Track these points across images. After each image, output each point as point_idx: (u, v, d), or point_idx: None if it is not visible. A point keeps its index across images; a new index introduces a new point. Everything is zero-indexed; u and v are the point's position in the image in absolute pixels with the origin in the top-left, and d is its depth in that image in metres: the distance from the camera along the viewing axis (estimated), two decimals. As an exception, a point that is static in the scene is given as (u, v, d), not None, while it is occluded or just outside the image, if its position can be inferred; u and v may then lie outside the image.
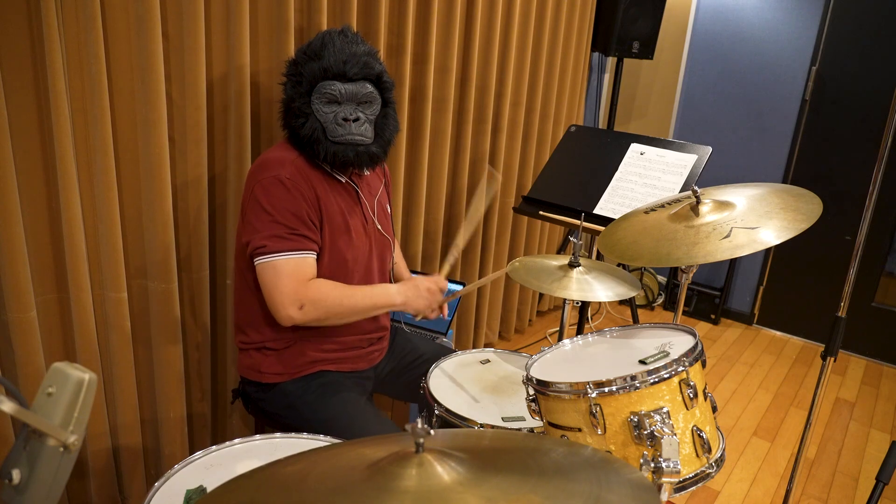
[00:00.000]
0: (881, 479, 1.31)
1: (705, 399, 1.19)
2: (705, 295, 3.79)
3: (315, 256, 1.47)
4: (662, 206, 1.60)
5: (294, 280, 1.41)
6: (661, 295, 3.98)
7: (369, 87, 1.47)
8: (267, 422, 1.65)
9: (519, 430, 1.42)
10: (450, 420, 1.46)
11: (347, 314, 1.49)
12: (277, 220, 1.41)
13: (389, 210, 1.76)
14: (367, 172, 1.63)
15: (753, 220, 1.34)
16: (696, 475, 1.12)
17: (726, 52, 3.53)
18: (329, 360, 1.59)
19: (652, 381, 1.11)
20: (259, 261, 1.42)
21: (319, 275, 1.51)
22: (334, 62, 1.43)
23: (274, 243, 1.40)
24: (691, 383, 1.13)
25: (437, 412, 1.49)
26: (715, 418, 1.22)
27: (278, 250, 1.40)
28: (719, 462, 1.16)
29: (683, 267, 1.57)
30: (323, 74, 1.44)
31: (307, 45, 1.48)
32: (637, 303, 3.63)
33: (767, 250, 3.65)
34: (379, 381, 1.76)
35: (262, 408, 1.62)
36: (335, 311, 1.47)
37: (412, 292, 1.56)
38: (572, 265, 1.66)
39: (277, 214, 1.41)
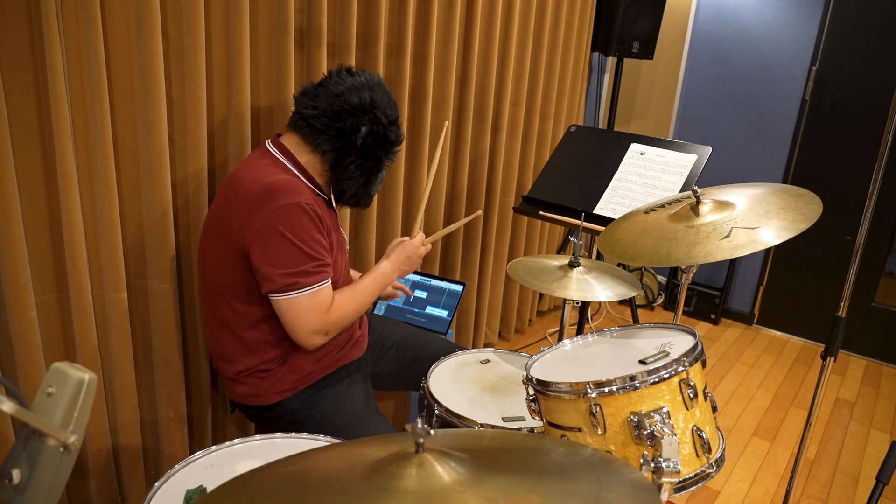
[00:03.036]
0: (881, 479, 1.31)
1: (705, 399, 1.19)
2: (705, 295, 3.79)
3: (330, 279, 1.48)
4: (662, 206, 1.60)
5: (318, 313, 1.42)
6: (661, 295, 3.98)
7: None
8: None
9: (519, 430, 1.42)
10: (450, 420, 1.46)
11: (361, 313, 1.55)
12: (307, 253, 1.38)
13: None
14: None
15: (753, 220, 1.34)
16: (696, 475, 1.13)
17: (726, 52, 3.53)
18: (325, 365, 1.58)
19: (652, 381, 1.11)
20: (281, 297, 1.38)
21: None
22: (399, 133, 1.56)
23: (304, 279, 1.38)
24: (691, 383, 1.13)
25: (437, 412, 1.49)
26: (715, 418, 1.22)
27: (306, 286, 1.39)
28: (719, 462, 1.16)
29: (683, 267, 1.57)
30: (396, 140, 1.57)
31: (384, 94, 1.52)
32: (637, 303, 3.63)
33: (767, 250, 3.65)
34: (380, 378, 1.77)
35: (267, 424, 1.60)
36: (353, 319, 1.53)
37: (404, 264, 1.64)
38: (572, 265, 1.66)
39: (306, 247, 1.38)
